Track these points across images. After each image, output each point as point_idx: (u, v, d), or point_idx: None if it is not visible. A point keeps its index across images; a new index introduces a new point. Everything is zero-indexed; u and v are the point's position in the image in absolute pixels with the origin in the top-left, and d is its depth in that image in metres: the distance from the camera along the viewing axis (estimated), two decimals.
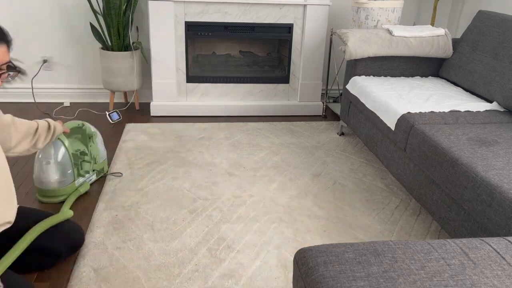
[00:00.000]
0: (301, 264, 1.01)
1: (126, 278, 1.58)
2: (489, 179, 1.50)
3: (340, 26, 3.55)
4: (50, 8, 3.19)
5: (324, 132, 3.02)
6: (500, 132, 1.91)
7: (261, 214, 2.01)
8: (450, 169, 1.67)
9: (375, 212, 2.07)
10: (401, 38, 2.63)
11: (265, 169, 2.44)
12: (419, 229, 1.95)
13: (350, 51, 2.59)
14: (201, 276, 1.61)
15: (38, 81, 3.36)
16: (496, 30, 2.38)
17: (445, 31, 2.69)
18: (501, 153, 1.69)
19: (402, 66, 2.74)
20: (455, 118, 2.05)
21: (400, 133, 2.06)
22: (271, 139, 2.86)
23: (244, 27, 3.10)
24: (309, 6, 3.08)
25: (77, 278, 1.57)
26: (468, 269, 0.97)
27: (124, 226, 1.89)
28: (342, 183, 2.33)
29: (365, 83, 2.53)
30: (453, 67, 2.59)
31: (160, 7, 2.94)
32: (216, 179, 2.31)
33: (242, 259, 1.70)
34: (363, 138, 2.53)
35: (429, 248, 1.03)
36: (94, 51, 3.35)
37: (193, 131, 2.93)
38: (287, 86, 3.32)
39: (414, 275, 0.94)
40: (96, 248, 1.73)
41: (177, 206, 2.06)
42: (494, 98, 2.25)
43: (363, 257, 0.99)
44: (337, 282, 0.91)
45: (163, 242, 1.79)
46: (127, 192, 2.15)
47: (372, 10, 2.92)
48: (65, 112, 3.21)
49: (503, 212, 1.40)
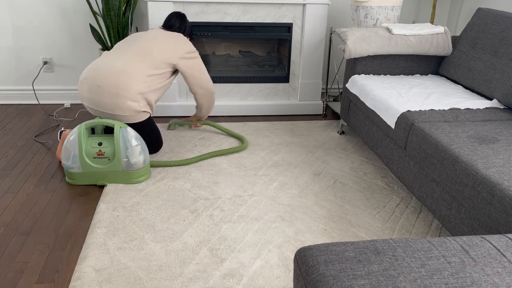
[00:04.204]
0: (301, 263, 1.01)
1: (128, 279, 1.58)
2: (490, 176, 1.50)
3: (339, 25, 3.55)
4: (50, 9, 3.20)
5: (324, 131, 3.02)
6: (500, 129, 1.91)
7: (262, 214, 2.01)
8: (451, 167, 1.67)
9: (376, 211, 2.07)
10: (400, 37, 2.63)
11: (266, 169, 2.44)
12: (419, 227, 1.95)
13: (349, 50, 2.59)
14: (203, 275, 1.61)
15: (39, 83, 3.37)
16: (496, 27, 2.38)
17: (444, 29, 2.69)
18: (501, 151, 1.69)
19: (401, 65, 2.74)
20: (455, 115, 2.05)
21: (400, 131, 2.06)
22: (271, 139, 2.86)
23: (244, 27, 3.10)
24: (308, 5, 3.08)
25: (79, 279, 1.57)
26: (469, 267, 0.97)
27: (126, 226, 1.89)
28: (342, 182, 2.33)
29: (365, 82, 2.53)
30: (453, 64, 2.59)
31: (159, 8, 2.94)
32: (217, 179, 2.32)
33: (243, 259, 1.71)
34: (363, 136, 2.53)
35: (429, 246, 1.03)
36: (94, 52, 3.36)
37: (193, 131, 2.94)
38: (287, 85, 3.32)
39: (414, 273, 0.94)
40: (97, 249, 1.74)
41: (178, 206, 2.06)
42: (494, 95, 2.24)
43: (364, 255, 0.99)
44: (337, 281, 0.92)
45: (164, 242, 1.80)
46: (128, 192, 2.16)
47: (372, 8, 2.92)
48: (66, 113, 3.21)
49: (503, 210, 1.40)
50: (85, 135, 2.16)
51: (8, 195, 2.13)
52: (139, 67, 2.32)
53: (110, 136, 2.18)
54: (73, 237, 1.83)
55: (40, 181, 2.26)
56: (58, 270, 1.64)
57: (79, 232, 1.87)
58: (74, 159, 2.16)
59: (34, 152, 2.58)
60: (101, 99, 2.27)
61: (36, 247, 1.76)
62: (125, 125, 2.18)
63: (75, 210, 2.03)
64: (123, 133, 2.15)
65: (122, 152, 2.16)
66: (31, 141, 2.72)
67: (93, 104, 2.30)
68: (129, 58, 2.35)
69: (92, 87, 2.28)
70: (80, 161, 2.16)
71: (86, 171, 2.18)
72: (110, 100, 2.26)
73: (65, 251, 1.74)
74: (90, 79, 2.30)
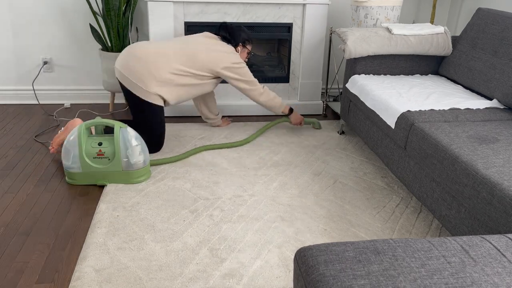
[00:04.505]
0: (301, 263, 1.01)
1: (128, 279, 1.58)
2: (490, 176, 1.50)
3: (339, 25, 3.55)
4: (50, 9, 3.20)
5: (324, 131, 3.02)
6: (500, 129, 1.91)
7: (262, 213, 2.01)
8: (451, 167, 1.67)
9: (376, 211, 2.07)
10: (400, 37, 2.63)
11: (266, 169, 2.44)
12: (419, 227, 1.95)
13: (349, 50, 2.59)
14: (203, 276, 1.61)
15: (39, 83, 3.37)
16: (496, 27, 2.38)
17: (444, 29, 2.69)
18: (501, 151, 1.69)
19: (401, 65, 2.74)
20: (455, 115, 2.05)
21: (400, 131, 2.06)
22: (271, 139, 2.86)
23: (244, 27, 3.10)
24: (308, 5, 3.08)
25: (79, 279, 1.58)
26: (469, 267, 0.97)
27: (126, 226, 1.89)
28: (342, 182, 2.33)
29: (365, 82, 2.53)
30: (453, 65, 2.59)
31: (159, 8, 2.94)
32: (217, 179, 2.32)
33: (243, 259, 1.71)
34: (363, 136, 2.53)
35: (429, 246, 1.03)
36: (94, 52, 3.36)
37: (193, 131, 2.94)
38: (287, 85, 3.32)
39: (414, 273, 0.94)
40: (97, 249, 1.74)
41: (178, 206, 2.06)
42: (494, 95, 2.24)
43: (364, 255, 0.99)
44: (337, 281, 0.92)
45: (164, 242, 1.80)
46: (128, 192, 2.16)
47: (372, 8, 2.92)
48: (66, 113, 3.21)
49: (503, 210, 1.40)
50: (85, 135, 2.16)
51: (8, 195, 2.13)
52: (179, 59, 2.48)
53: (110, 136, 2.18)
54: (73, 237, 1.83)
55: (40, 181, 2.26)
56: (58, 270, 1.64)
57: (79, 232, 1.87)
58: (74, 159, 2.16)
59: (34, 152, 2.58)
60: (134, 66, 2.42)
61: (36, 247, 1.76)
62: (125, 125, 2.18)
63: (75, 210, 2.03)
64: (123, 133, 2.15)
65: (122, 152, 2.16)
66: (31, 141, 2.72)
67: (124, 68, 2.45)
68: (174, 49, 2.50)
69: (130, 55, 2.46)
70: (80, 161, 2.16)
71: (86, 171, 2.18)
72: (140, 70, 2.42)
73: (65, 251, 1.74)
74: (133, 47, 2.49)
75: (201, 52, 2.51)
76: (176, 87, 2.49)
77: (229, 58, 2.57)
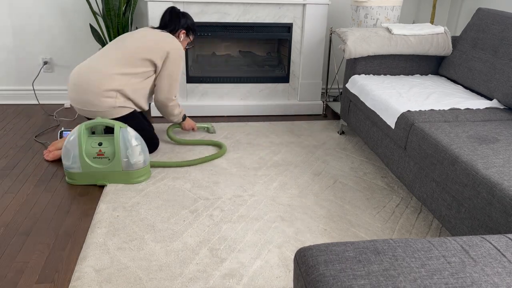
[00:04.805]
0: (301, 263, 1.01)
1: (128, 279, 1.58)
2: (490, 176, 1.50)
3: (339, 25, 3.55)
4: (50, 9, 3.20)
5: (324, 131, 3.02)
6: (500, 129, 1.91)
7: (262, 214, 2.01)
8: (451, 167, 1.67)
9: (376, 211, 2.07)
10: (400, 37, 2.63)
11: (266, 169, 2.44)
12: (419, 227, 1.95)
13: (349, 50, 2.59)
14: (203, 276, 1.61)
15: (39, 83, 3.37)
16: (496, 27, 2.38)
17: (444, 29, 2.69)
18: (501, 151, 1.69)
19: (401, 65, 2.74)
20: (455, 116, 2.05)
21: (400, 131, 2.06)
22: (271, 139, 2.86)
23: (244, 27, 3.10)
24: (308, 5, 3.08)
25: (79, 279, 1.58)
26: (469, 267, 0.97)
27: (126, 226, 1.89)
28: (342, 182, 2.33)
29: (365, 82, 2.53)
30: (453, 65, 2.59)
31: (159, 8, 2.94)
32: (217, 179, 2.32)
33: (243, 259, 1.71)
34: (363, 136, 2.53)
35: (429, 246, 1.03)
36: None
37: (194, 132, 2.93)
38: (287, 85, 3.32)
39: (414, 273, 0.94)
40: (97, 249, 1.74)
41: (178, 206, 2.06)
42: (494, 95, 2.24)
43: (364, 255, 0.99)
44: (337, 281, 0.92)
45: (164, 242, 1.80)
46: (128, 192, 2.16)
47: (372, 8, 2.92)
48: (66, 113, 3.21)
49: (503, 210, 1.40)
50: (85, 135, 2.16)
51: (8, 195, 2.13)
52: (115, 65, 2.35)
53: (110, 136, 2.18)
54: (73, 237, 1.83)
55: (40, 181, 2.26)
56: (58, 270, 1.64)
57: (79, 232, 1.87)
58: (74, 159, 2.16)
59: (34, 152, 2.58)
60: (79, 96, 2.34)
61: (36, 247, 1.76)
62: (125, 125, 2.18)
63: (75, 210, 2.03)
64: (123, 133, 2.15)
65: (122, 152, 2.16)
66: (31, 141, 2.72)
67: (75, 102, 2.38)
68: (108, 57, 2.38)
69: (72, 86, 2.37)
70: (80, 161, 2.16)
71: (86, 171, 2.18)
72: (84, 97, 2.33)
73: (65, 251, 1.74)
74: (71, 79, 2.39)
75: (138, 47, 2.38)
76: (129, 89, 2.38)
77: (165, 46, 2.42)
